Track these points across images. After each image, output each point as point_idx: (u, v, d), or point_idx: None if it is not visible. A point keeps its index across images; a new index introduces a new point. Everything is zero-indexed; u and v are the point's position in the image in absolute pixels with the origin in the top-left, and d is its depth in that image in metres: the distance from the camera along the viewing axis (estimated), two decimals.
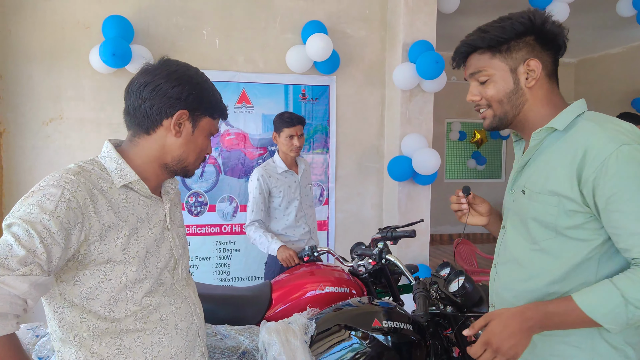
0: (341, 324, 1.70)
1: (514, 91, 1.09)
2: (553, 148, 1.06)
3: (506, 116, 1.12)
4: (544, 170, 1.06)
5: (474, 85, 1.13)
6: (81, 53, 3.01)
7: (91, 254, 0.93)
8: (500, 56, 1.08)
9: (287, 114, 2.55)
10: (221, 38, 3.28)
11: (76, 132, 3.07)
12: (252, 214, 2.53)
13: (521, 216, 1.11)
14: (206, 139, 1.13)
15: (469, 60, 1.13)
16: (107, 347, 0.97)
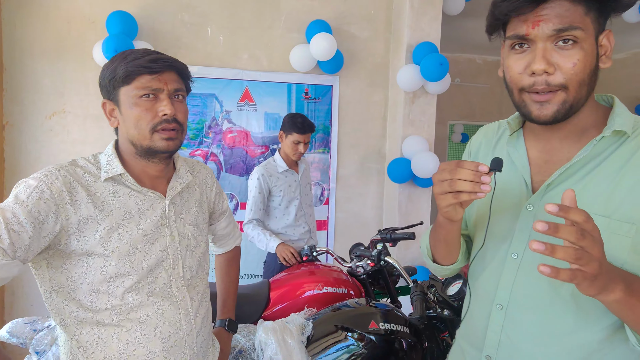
0: (338, 324, 1.71)
1: (594, 71, 0.78)
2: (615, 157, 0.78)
3: (577, 105, 0.78)
4: (605, 187, 0.77)
5: (547, 48, 0.75)
6: (86, 48, 3.01)
7: (71, 244, 0.95)
8: (593, 15, 0.75)
9: (300, 119, 2.50)
10: (225, 35, 3.29)
11: (79, 126, 3.08)
12: (251, 213, 2.53)
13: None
14: (136, 107, 1.00)
15: (550, 5, 0.73)
16: (87, 336, 0.99)
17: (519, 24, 0.76)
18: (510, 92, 0.83)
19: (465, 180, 0.72)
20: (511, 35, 0.78)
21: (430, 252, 1.03)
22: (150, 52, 1.02)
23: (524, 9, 0.74)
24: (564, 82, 0.75)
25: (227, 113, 3.36)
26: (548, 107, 0.77)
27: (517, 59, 0.79)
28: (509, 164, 0.91)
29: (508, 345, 0.88)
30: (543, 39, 0.74)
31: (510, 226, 0.88)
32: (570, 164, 0.80)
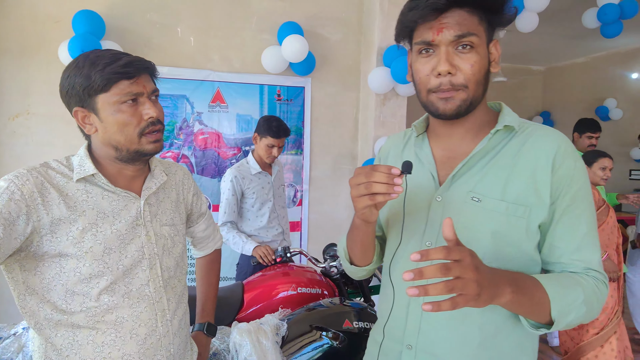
0: (313, 324, 1.72)
1: (487, 74, 0.90)
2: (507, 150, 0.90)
3: (475, 103, 0.89)
4: (500, 175, 0.88)
5: (450, 52, 0.85)
6: (51, 47, 2.93)
7: (43, 245, 0.94)
8: (485, 25, 0.87)
9: (275, 123, 2.49)
10: (196, 36, 3.25)
11: (44, 128, 2.98)
12: (225, 215, 2.51)
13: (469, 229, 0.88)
14: (119, 113, 0.99)
15: (450, 15, 0.84)
16: (61, 338, 0.98)
17: (425, 31, 0.87)
18: (419, 93, 0.93)
19: (379, 182, 0.78)
20: (419, 41, 0.88)
21: (348, 255, 1.07)
22: (119, 55, 1.00)
23: (429, 16, 0.85)
24: (464, 82, 0.86)
25: (199, 114, 3.32)
26: (452, 102, 0.88)
27: (424, 63, 0.89)
28: (417, 163, 0.99)
29: (427, 331, 0.93)
30: (446, 43, 0.85)
31: (423, 218, 0.95)
32: (471, 156, 0.91)
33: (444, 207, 0.92)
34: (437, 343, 0.91)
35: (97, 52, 1.01)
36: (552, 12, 4.39)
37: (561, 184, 0.86)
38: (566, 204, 0.86)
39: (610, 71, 6.59)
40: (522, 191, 0.86)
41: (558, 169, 0.86)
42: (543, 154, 0.87)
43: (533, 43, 6.14)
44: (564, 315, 0.80)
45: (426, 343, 0.92)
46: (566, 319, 0.81)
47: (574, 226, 0.86)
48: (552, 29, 5.39)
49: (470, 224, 0.88)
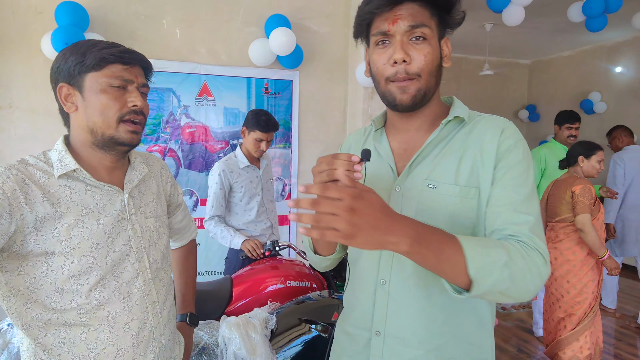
0: (302, 317, 1.73)
1: (439, 67, 0.96)
2: (457, 138, 0.96)
3: (429, 94, 0.95)
4: (451, 162, 0.93)
5: (405, 42, 0.90)
6: (32, 39, 2.87)
7: (28, 245, 0.92)
8: (437, 20, 0.94)
9: (264, 117, 2.47)
10: (182, 28, 3.21)
11: (27, 122, 2.93)
12: (212, 209, 2.50)
13: (427, 215, 0.92)
14: (104, 94, 0.99)
15: (404, 7, 0.91)
16: (52, 338, 0.97)
17: (381, 23, 0.92)
18: (377, 83, 0.97)
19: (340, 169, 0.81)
20: (375, 32, 0.93)
21: (312, 245, 1.10)
22: (117, 45, 1.02)
23: (384, 7, 0.90)
24: (418, 71, 0.91)
25: (185, 108, 3.29)
26: (408, 92, 0.92)
27: (381, 53, 0.94)
28: (376, 156, 1.04)
29: (394, 315, 0.96)
30: (400, 33, 0.90)
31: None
32: (425, 145, 0.97)
33: (403, 196, 0.97)
34: (404, 327, 0.95)
35: (99, 41, 1.02)
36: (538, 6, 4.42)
37: (501, 157, 0.91)
38: (503, 171, 0.90)
39: (595, 65, 6.67)
40: (471, 173, 0.92)
41: (500, 146, 0.91)
42: (489, 136, 0.93)
43: (519, 36, 6.19)
44: (483, 276, 0.76)
45: (393, 328, 0.96)
46: (487, 280, 0.76)
47: (511, 191, 0.89)
48: (538, 23, 5.43)
49: (428, 209, 0.93)
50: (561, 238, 2.68)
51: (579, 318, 2.60)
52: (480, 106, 7.71)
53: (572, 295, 2.60)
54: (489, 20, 5.47)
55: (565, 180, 2.71)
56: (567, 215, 2.64)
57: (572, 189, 2.60)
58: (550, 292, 2.72)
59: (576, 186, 2.59)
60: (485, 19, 5.43)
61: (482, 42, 6.18)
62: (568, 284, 2.62)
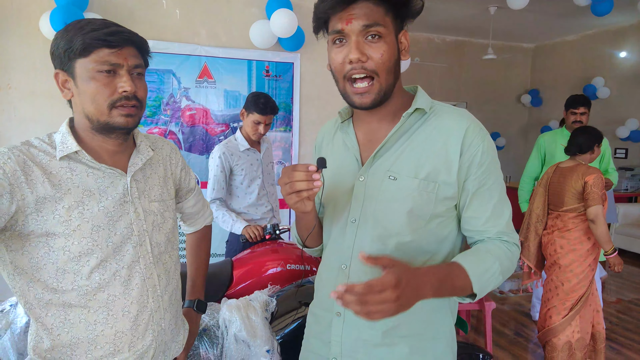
0: (302, 300, 1.74)
1: (397, 62, 0.96)
2: (420, 131, 0.98)
3: (389, 91, 0.96)
4: (413, 155, 0.97)
5: (360, 41, 0.91)
6: (31, 19, 2.83)
7: (29, 224, 0.93)
8: (392, 16, 0.93)
9: (263, 99, 2.46)
10: (182, 9, 3.17)
11: (27, 103, 2.91)
12: (213, 192, 2.50)
13: (387, 205, 0.98)
14: (93, 81, 0.96)
15: (357, 6, 0.90)
16: (52, 318, 0.98)
17: (336, 22, 0.92)
18: (337, 80, 0.98)
19: (300, 180, 0.87)
20: (331, 31, 0.94)
21: (300, 239, 1.17)
22: (109, 24, 0.97)
23: (338, 7, 0.91)
24: (375, 69, 0.92)
25: (186, 90, 3.27)
26: (367, 97, 0.94)
27: (338, 52, 0.95)
28: (343, 148, 1.08)
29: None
30: (355, 33, 0.91)
31: (348, 197, 1.03)
32: (388, 138, 0.99)
33: (366, 186, 1.00)
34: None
35: (91, 19, 0.98)
36: None
37: (472, 163, 0.95)
38: (479, 180, 0.96)
39: (599, 49, 6.61)
40: (432, 169, 0.95)
41: (467, 149, 0.94)
42: (452, 134, 0.95)
43: (524, 20, 6.11)
44: (484, 289, 0.91)
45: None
46: (487, 289, 0.92)
47: (487, 198, 0.97)
48: (543, 6, 5.36)
49: (388, 200, 0.97)
50: (569, 228, 2.63)
51: (572, 305, 2.61)
52: (482, 90, 7.67)
53: (572, 284, 2.60)
54: (494, 3, 5.40)
55: (574, 168, 2.62)
56: (576, 205, 2.59)
57: (585, 179, 2.53)
58: (551, 278, 2.72)
59: (589, 176, 2.51)
60: (490, 2, 5.36)
61: (485, 25, 6.11)
62: (571, 273, 2.61)
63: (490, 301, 2.80)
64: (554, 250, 2.67)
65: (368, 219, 1.00)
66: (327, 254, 1.10)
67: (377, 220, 0.99)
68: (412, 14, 0.96)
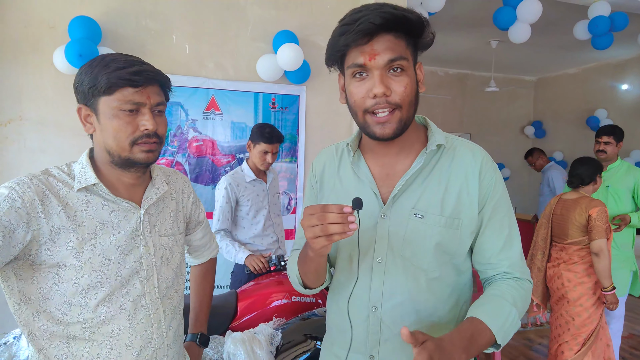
0: (307, 333, 1.71)
1: (417, 94, 0.96)
2: (439, 166, 0.98)
3: (409, 122, 0.95)
4: (437, 192, 0.96)
5: (384, 75, 0.90)
6: (45, 53, 2.91)
7: (42, 255, 0.92)
8: (411, 49, 0.93)
9: (268, 129, 2.50)
10: (191, 43, 3.26)
11: (37, 134, 2.96)
12: (219, 223, 2.50)
13: (416, 244, 0.96)
14: (116, 119, 0.98)
15: (379, 40, 0.88)
16: (55, 349, 0.97)
17: (357, 55, 0.90)
18: (355, 114, 0.96)
19: (334, 223, 0.80)
20: (352, 64, 0.92)
21: (301, 280, 1.11)
22: (133, 62, 0.99)
23: (360, 41, 0.88)
24: (399, 102, 0.90)
25: (193, 122, 3.32)
26: (388, 127, 0.92)
27: (359, 86, 0.92)
28: (357, 182, 1.04)
29: (387, 339, 1.00)
30: (379, 68, 0.89)
31: (371, 235, 1.00)
32: (409, 174, 0.97)
33: (390, 224, 0.98)
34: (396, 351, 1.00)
35: (115, 55, 1.00)
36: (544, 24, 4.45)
37: (486, 195, 0.97)
38: (490, 211, 0.97)
39: (601, 82, 6.68)
40: (455, 205, 0.95)
41: (482, 181, 0.97)
42: (469, 169, 0.97)
43: (525, 54, 6.22)
44: (506, 338, 0.92)
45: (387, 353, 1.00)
46: (508, 338, 0.93)
47: (499, 229, 0.98)
48: (544, 40, 5.46)
49: (415, 238, 0.96)
50: (575, 260, 2.60)
51: (585, 339, 2.55)
52: (486, 122, 7.73)
53: (583, 318, 2.55)
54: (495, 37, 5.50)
55: (577, 201, 2.60)
56: (581, 237, 2.56)
57: (589, 212, 2.51)
58: (560, 313, 2.66)
59: (592, 209, 2.49)
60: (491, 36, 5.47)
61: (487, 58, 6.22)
62: (581, 307, 2.56)
63: None
64: (561, 284, 2.64)
65: (396, 258, 0.98)
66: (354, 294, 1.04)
67: (406, 259, 0.97)
68: (424, 46, 0.96)
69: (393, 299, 0.98)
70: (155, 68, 1.04)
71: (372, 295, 1.00)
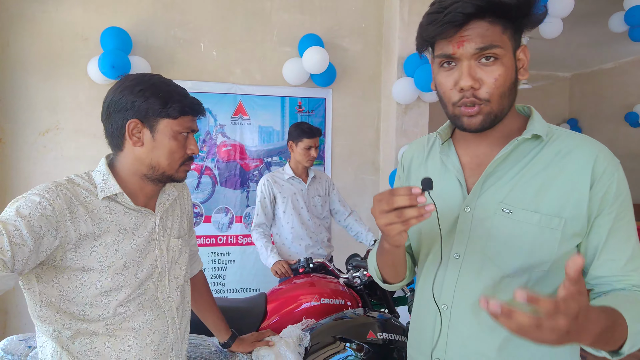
0: (336, 335, 1.70)
1: (513, 84, 0.85)
2: (538, 159, 0.87)
3: (501, 115, 0.86)
4: (532, 186, 0.85)
5: (472, 66, 0.82)
6: (79, 64, 3.02)
7: (67, 260, 0.96)
8: (509, 33, 0.82)
9: (306, 125, 2.57)
10: (219, 50, 3.31)
11: (72, 143, 3.07)
12: (257, 218, 2.58)
13: (501, 242, 0.87)
14: (174, 140, 1.08)
15: (470, 27, 0.80)
16: (78, 346, 1.01)
17: (446, 44, 0.83)
18: (444, 105, 0.89)
19: (407, 206, 0.73)
20: (439, 54, 0.85)
21: (380, 274, 1.06)
22: (185, 92, 1.11)
23: (448, 31, 0.80)
24: (487, 97, 0.82)
25: (221, 127, 3.37)
26: (476, 118, 0.84)
27: (447, 76, 0.86)
28: (443, 170, 0.97)
29: (455, 343, 0.92)
30: (467, 57, 0.81)
31: (451, 228, 0.92)
32: (495, 162, 0.88)
33: (473, 218, 0.89)
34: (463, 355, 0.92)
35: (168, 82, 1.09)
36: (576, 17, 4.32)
37: (606, 196, 0.83)
38: (615, 215, 0.83)
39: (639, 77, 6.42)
40: (556, 202, 0.83)
41: (600, 179, 0.83)
42: (579, 162, 0.84)
43: (558, 49, 6.04)
44: (633, 348, 0.77)
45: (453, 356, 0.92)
46: (634, 349, 0.78)
47: (625, 237, 0.84)
48: (578, 35, 5.29)
49: (502, 236, 0.86)
50: None
51: None
52: None
53: None
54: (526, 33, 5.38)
55: None
56: None
57: None
58: None
59: None
60: None
61: None
62: None
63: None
64: None
65: (476, 255, 0.89)
66: (421, 290, 1.00)
67: (487, 257, 0.88)
68: (532, 24, 0.85)
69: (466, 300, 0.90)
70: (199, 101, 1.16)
71: (443, 292, 0.93)
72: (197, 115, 1.13)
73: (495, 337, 0.88)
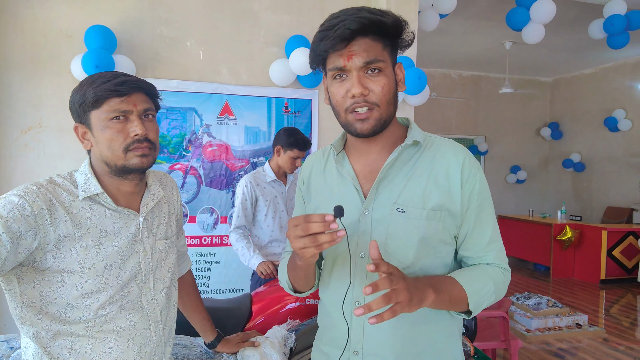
0: None
1: (395, 93, 1.00)
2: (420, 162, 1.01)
3: (388, 120, 0.99)
4: (418, 186, 0.98)
5: (361, 76, 0.94)
6: (63, 61, 2.98)
7: (47, 261, 0.96)
8: (389, 50, 0.97)
9: (300, 136, 2.55)
10: (205, 50, 3.30)
11: (55, 141, 3.03)
12: (237, 219, 2.55)
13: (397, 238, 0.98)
14: (108, 129, 1.02)
15: (356, 44, 0.92)
16: (59, 347, 1.00)
17: (337, 58, 0.95)
18: (337, 114, 1.00)
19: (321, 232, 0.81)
20: (332, 67, 0.96)
21: (291, 285, 1.13)
22: (117, 75, 1.04)
23: (338, 46, 0.92)
24: (376, 101, 0.95)
25: (207, 127, 3.36)
26: (367, 123, 0.96)
27: (339, 87, 0.97)
28: (340, 179, 1.08)
29: (370, 333, 1.01)
30: (356, 68, 0.93)
31: (354, 230, 1.02)
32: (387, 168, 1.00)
33: (372, 219, 1.00)
34: (380, 345, 1.01)
35: (102, 73, 1.06)
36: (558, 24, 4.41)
37: (472, 194, 1.00)
38: (477, 211, 1.01)
39: (618, 82, 6.58)
40: (438, 198, 0.98)
41: (466, 181, 0.99)
42: (451, 165, 1.00)
43: (540, 55, 6.16)
44: (479, 306, 0.98)
45: (371, 347, 1.01)
46: (480, 308, 0.99)
47: (485, 226, 1.02)
48: (559, 41, 5.40)
49: (398, 232, 0.98)
50: None
51: None
52: (501, 124, 7.66)
53: None
54: (509, 39, 5.46)
55: None
56: None
57: None
58: None
59: None
60: (505, 37, 5.43)
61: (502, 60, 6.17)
62: None
63: (517, 339, 2.71)
64: None
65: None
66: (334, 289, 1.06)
67: (388, 253, 0.98)
68: (405, 45, 1.01)
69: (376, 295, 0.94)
70: (140, 78, 1.08)
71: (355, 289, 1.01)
72: (124, 95, 1.02)
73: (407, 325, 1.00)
